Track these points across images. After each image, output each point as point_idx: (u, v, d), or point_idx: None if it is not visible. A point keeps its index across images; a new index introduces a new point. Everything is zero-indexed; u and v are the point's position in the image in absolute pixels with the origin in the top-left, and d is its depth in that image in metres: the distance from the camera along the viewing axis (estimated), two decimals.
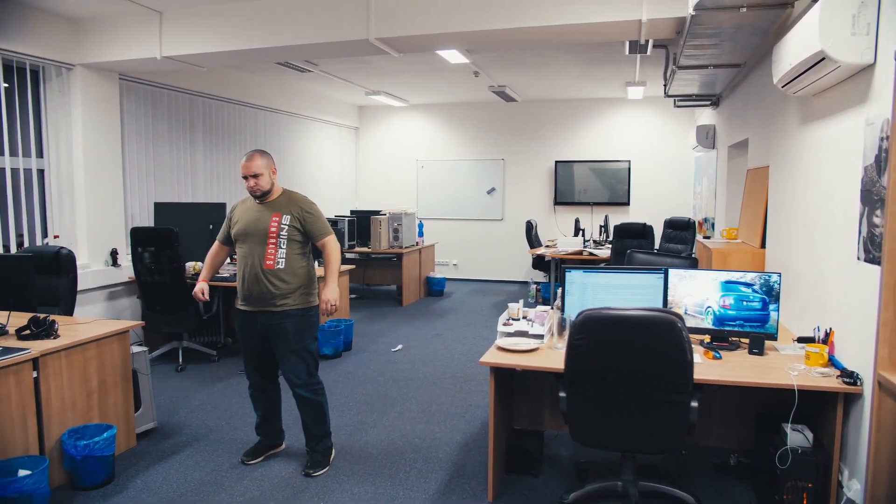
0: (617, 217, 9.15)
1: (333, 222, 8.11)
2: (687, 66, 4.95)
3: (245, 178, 3.43)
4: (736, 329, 3.21)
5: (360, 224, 8.48)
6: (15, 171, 5.16)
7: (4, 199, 5.05)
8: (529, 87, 8.86)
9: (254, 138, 8.04)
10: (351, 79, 8.17)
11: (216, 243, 3.72)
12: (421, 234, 9.08)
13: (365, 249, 8.34)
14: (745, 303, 3.19)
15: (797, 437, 2.77)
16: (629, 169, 9.72)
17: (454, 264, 10.68)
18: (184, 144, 6.83)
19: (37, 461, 3.03)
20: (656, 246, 7.84)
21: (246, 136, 7.89)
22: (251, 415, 4.29)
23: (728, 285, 3.22)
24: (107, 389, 3.60)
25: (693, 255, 6.60)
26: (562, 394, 2.78)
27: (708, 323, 3.26)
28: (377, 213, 8.57)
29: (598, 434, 2.78)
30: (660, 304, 3.29)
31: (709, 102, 7.36)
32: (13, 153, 5.15)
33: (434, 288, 9.18)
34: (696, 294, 3.29)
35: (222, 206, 6.36)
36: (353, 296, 7.38)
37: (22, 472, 2.93)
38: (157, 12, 5.12)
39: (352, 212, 9.38)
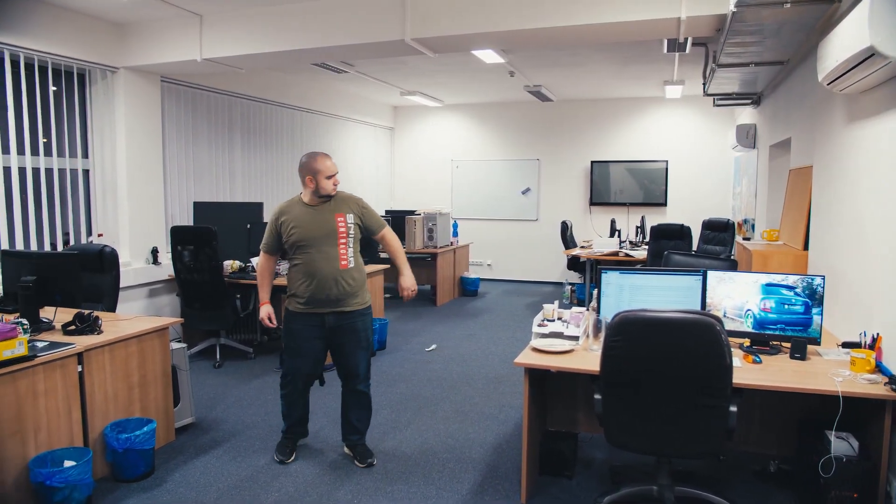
0: (654, 218, 9.02)
1: None
2: (727, 64, 4.84)
3: (329, 177, 3.41)
4: (777, 333, 3.13)
5: (395, 224, 8.50)
6: (62, 172, 5.31)
7: (52, 198, 5.21)
8: (565, 87, 8.79)
9: (290, 139, 8.15)
10: (386, 79, 8.22)
11: (264, 256, 3.58)
12: (455, 234, 9.09)
13: None
14: (786, 306, 3.10)
15: (842, 445, 2.69)
16: (666, 169, 9.58)
17: (488, 264, 10.66)
18: (222, 145, 6.95)
19: (81, 452, 3.11)
20: (694, 247, 7.70)
21: (283, 137, 7.99)
22: None
23: (769, 288, 3.14)
24: (147, 384, 3.68)
25: (732, 257, 6.48)
26: (597, 396, 2.75)
27: (748, 326, 3.19)
28: (412, 212, 8.61)
29: (634, 437, 2.74)
30: (698, 307, 3.23)
31: (749, 101, 7.20)
32: (60, 154, 5.31)
33: (468, 288, 9.17)
34: (735, 297, 3.22)
35: (259, 205, 6.47)
36: (387, 295, 7.41)
37: (67, 463, 3.02)
38: (198, 15, 5.23)
39: (387, 211, 9.43)
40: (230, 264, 5.73)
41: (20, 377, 2.94)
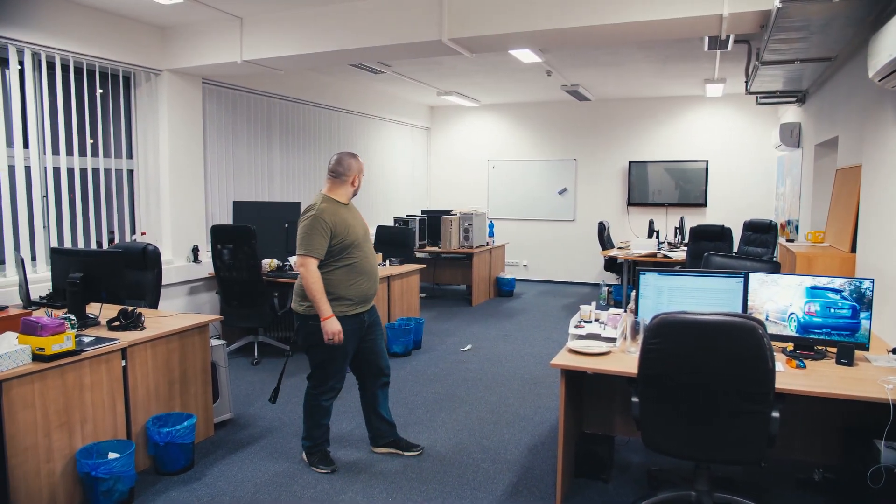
0: (693, 219, 8.87)
1: (405, 221, 8.21)
2: (771, 61, 4.73)
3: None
4: (822, 338, 3.03)
5: (431, 224, 8.54)
6: (108, 172, 5.46)
7: (98, 197, 5.35)
8: (603, 86, 8.70)
9: (328, 139, 8.23)
10: (423, 79, 8.24)
11: (316, 263, 3.30)
12: (491, 234, 9.07)
13: (435, 249, 8.40)
14: (832, 310, 3.01)
15: (892, 454, 2.59)
16: (706, 169, 9.40)
17: (524, 265, 10.61)
18: (261, 145, 7.06)
19: (124, 445, 3.19)
20: (734, 249, 7.54)
21: (321, 137, 8.08)
22: None
23: (814, 291, 3.05)
24: (188, 380, 3.76)
25: (775, 259, 6.33)
26: (634, 399, 2.71)
27: (791, 330, 3.10)
28: (448, 212, 8.61)
29: (672, 442, 2.69)
30: (739, 310, 3.16)
31: (794, 99, 7.02)
32: (106, 154, 5.46)
33: (504, 288, 9.14)
34: (778, 300, 3.14)
35: (297, 204, 6.54)
36: (422, 295, 7.44)
37: (112, 455, 3.09)
38: (238, 18, 5.31)
39: (423, 211, 9.45)
40: (268, 263, 5.81)
41: (68, 371, 3.03)
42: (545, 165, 10.35)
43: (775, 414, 2.48)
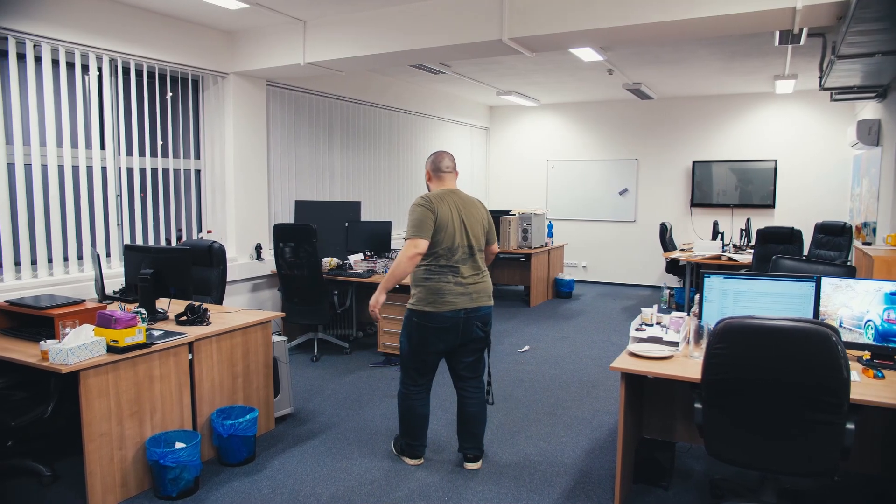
0: (760, 220, 8.56)
1: None
2: (849, 55, 4.51)
3: None
4: None
5: None
6: (177, 172, 5.67)
7: (167, 196, 5.56)
8: (666, 84, 8.49)
9: (387, 139, 8.32)
10: (482, 79, 8.23)
11: None
12: (550, 234, 8.98)
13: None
14: None
15: None
16: (775, 169, 9.04)
17: (583, 266, 10.46)
18: (322, 145, 7.19)
19: (190, 436, 3.31)
20: (804, 252, 7.24)
21: (380, 137, 8.17)
22: (380, 407, 4.44)
23: (893, 297, 2.89)
24: (250, 374, 3.86)
25: (849, 263, 6.04)
26: (697, 405, 2.63)
27: (868, 338, 2.95)
28: (507, 213, 8.57)
29: (737, 450, 2.59)
30: (810, 316, 3.02)
31: (873, 94, 6.68)
32: (175, 155, 5.67)
33: (562, 289, 9.04)
34: (853, 306, 2.99)
35: (357, 204, 6.64)
36: None
37: (179, 445, 3.21)
38: (302, 21, 5.43)
39: None
40: (328, 261, 5.91)
41: (139, 362, 3.16)
42: (606, 165, 10.18)
43: (850, 426, 2.36)
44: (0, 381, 3.22)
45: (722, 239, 7.98)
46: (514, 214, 8.32)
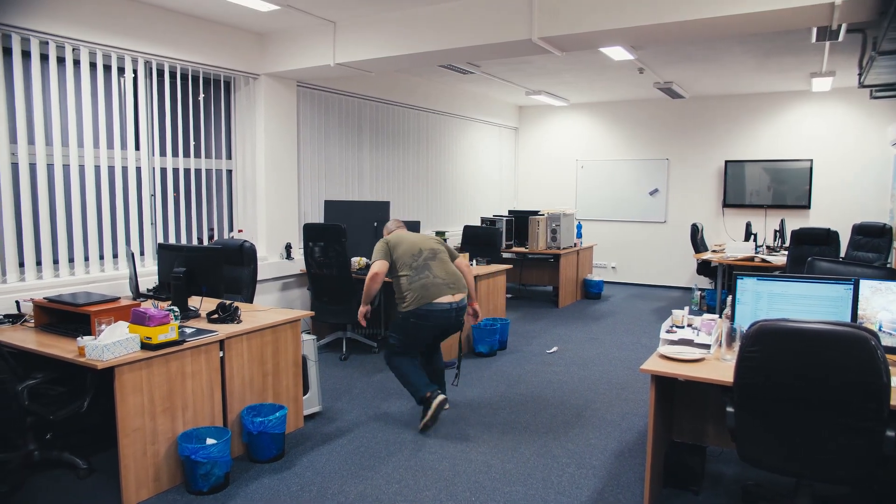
0: (795, 221, 8.39)
1: (492, 221, 8.19)
2: (891, 50, 4.37)
3: None
4: None
5: (518, 224, 8.48)
6: (208, 172, 5.76)
7: (200, 196, 5.65)
8: (698, 83, 8.36)
9: (416, 139, 8.34)
10: (511, 79, 8.20)
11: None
12: (579, 235, 8.91)
13: (522, 249, 8.34)
14: None
15: None
16: (811, 169, 8.84)
17: (613, 267, 10.36)
18: (351, 145, 7.24)
19: (221, 432, 3.35)
20: (841, 254, 7.07)
21: (409, 138, 8.20)
22: (408, 407, 4.46)
23: None
24: (279, 372, 3.90)
25: (889, 265, 5.88)
26: (729, 409, 2.58)
27: None
28: (535, 213, 8.53)
29: (770, 456, 2.54)
30: (847, 319, 2.95)
31: None
32: (207, 156, 5.75)
33: (591, 290, 8.96)
34: (894, 309, 2.91)
35: (386, 204, 6.66)
36: (508, 295, 7.41)
37: (209, 441, 3.26)
38: (332, 22, 5.47)
39: (510, 212, 9.40)
40: (357, 261, 5.95)
41: (172, 359, 3.21)
42: (636, 165, 10.07)
43: (890, 433, 2.29)
44: (39, 376, 3.30)
45: (755, 240, 7.84)
46: (543, 215, 8.27)
